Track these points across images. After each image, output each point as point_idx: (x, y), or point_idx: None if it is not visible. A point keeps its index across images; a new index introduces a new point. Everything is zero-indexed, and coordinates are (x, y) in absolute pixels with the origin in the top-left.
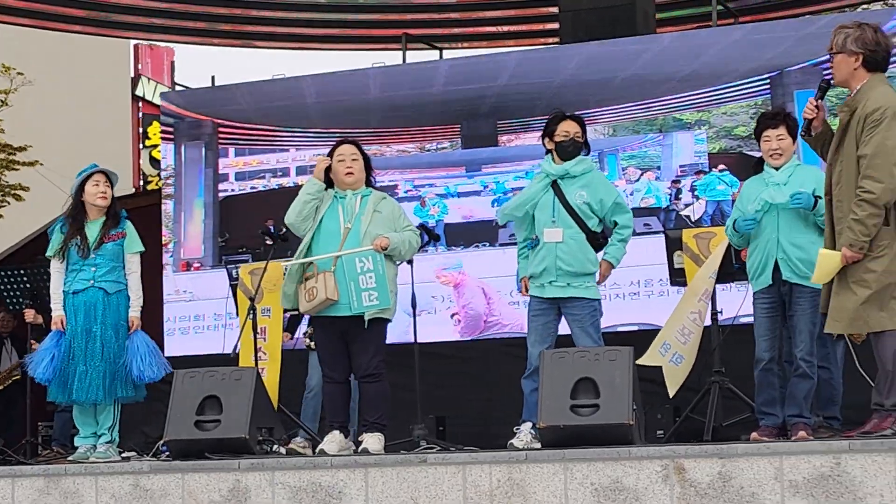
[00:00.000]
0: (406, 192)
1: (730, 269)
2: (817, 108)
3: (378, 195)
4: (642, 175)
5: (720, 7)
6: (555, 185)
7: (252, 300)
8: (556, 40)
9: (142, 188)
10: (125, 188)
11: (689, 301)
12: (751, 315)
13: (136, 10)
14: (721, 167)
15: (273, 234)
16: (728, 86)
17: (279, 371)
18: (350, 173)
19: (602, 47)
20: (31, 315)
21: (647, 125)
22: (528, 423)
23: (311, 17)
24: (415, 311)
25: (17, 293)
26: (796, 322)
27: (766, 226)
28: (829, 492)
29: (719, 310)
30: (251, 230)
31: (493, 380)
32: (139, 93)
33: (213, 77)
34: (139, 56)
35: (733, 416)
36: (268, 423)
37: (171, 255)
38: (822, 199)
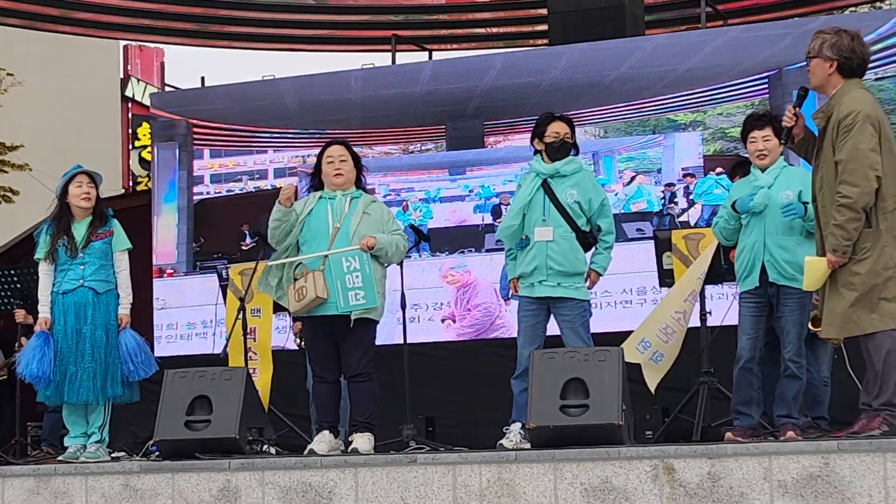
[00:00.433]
0: (384, 197)
1: (719, 270)
2: (796, 115)
3: (368, 198)
4: (634, 179)
5: (709, 9)
6: (545, 184)
7: (242, 300)
8: (546, 42)
9: (131, 189)
10: (114, 189)
11: (674, 300)
12: None
13: (125, 11)
14: (718, 170)
15: (264, 235)
16: (724, 85)
17: (271, 371)
18: (339, 174)
19: (592, 47)
20: (21, 315)
21: (640, 126)
22: (518, 424)
23: (301, 18)
24: (404, 312)
25: (8, 293)
26: (784, 324)
27: (753, 228)
28: (817, 492)
29: (708, 311)
30: (227, 235)
31: (481, 381)
32: (128, 94)
33: (203, 78)
34: (129, 57)
35: (722, 417)
36: (258, 423)
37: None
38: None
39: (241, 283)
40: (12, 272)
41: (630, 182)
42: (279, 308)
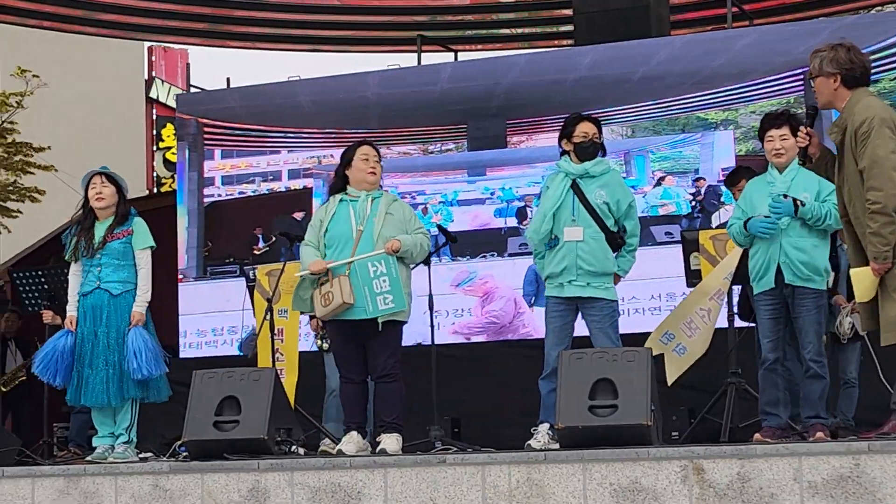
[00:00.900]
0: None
1: (746, 271)
2: (808, 135)
3: (389, 197)
4: (662, 180)
5: (735, 9)
6: (574, 185)
7: (269, 301)
8: (571, 43)
9: (155, 190)
10: (139, 190)
11: (699, 298)
12: None
13: (150, 12)
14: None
15: (289, 234)
16: (757, 83)
17: (297, 372)
18: (373, 173)
19: (618, 44)
20: (49, 316)
21: (669, 125)
22: (546, 424)
23: (325, 19)
24: (432, 313)
25: (36, 294)
26: (802, 324)
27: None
28: (848, 493)
29: (736, 311)
30: (239, 238)
31: (506, 381)
32: (153, 95)
33: (228, 79)
34: (153, 59)
35: (750, 418)
36: (286, 423)
37: None
38: (804, 204)
39: (269, 284)
40: (40, 273)
41: (658, 183)
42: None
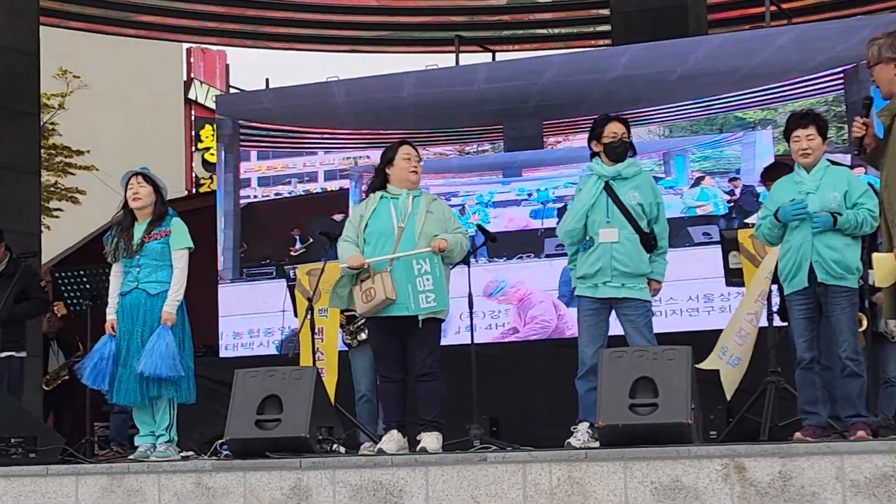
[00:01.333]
0: None
1: None
2: (865, 125)
3: (429, 196)
4: (700, 180)
5: (773, 7)
6: (607, 186)
7: (310, 300)
8: (608, 42)
9: (194, 191)
10: (178, 191)
11: (747, 303)
12: None
13: (189, 13)
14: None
15: (329, 234)
16: (796, 82)
17: (336, 371)
18: (415, 172)
19: (655, 44)
20: (60, 307)
21: (707, 124)
22: (586, 423)
23: (364, 19)
24: (471, 312)
25: (77, 294)
26: (836, 322)
27: (801, 229)
28: (891, 492)
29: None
30: (275, 240)
31: (544, 380)
32: (192, 96)
33: (267, 80)
34: (192, 60)
35: (789, 417)
36: (328, 422)
37: None
38: (841, 215)
39: (309, 284)
40: (82, 273)
41: (696, 184)
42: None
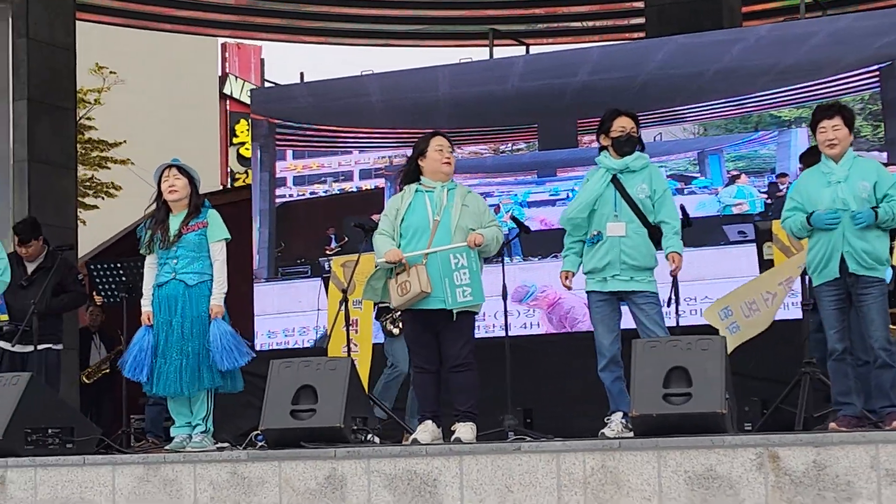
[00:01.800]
0: None
1: None
2: None
3: (464, 189)
4: (736, 179)
5: None
6: (615, 180)
7: (344, 292)
8: (643, 35)
9: (230, 186)
10: (213, 186)
11: (768, 281)
12: None
13: (224, 8)
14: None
15: (364, 226)
16: (831, 79)
17: (370, 363)
18: (448, 163)
19: (691, 38)
20: (97, 298)
21: (742, 123)
22: (619, 413)
23: (398, 13)
24: (505, 302)
25: (112, 286)
26: (867, 311)
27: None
28: None
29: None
30: (311, 239)
31: (578, 372)
32: (227, 91)
33: (302, 74)
34: (227, 55)
35: (824, 408)
36: (362, 412)
37: None
38: (879, 207)
39: (343, 275)
40: (118, 265)
41: (731, 182)
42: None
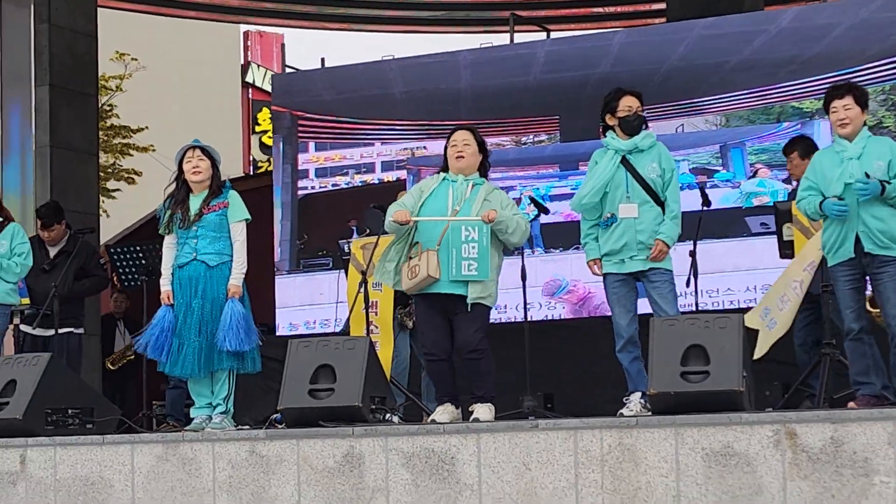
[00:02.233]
0: None
1: None
2: None
3: (490, 186)
4: (757, 171)
5: None
6: (624, 160)
7: (364, 274)
8: (664, 20)
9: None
10: (235, 174)
11: (795, 270)
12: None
13: None
14: None
15: (384, 207)
16: (855, 70)
17: (392, 345)
18: (461, 156)
19: (713, 28)
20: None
21: (764, 114)
22: (637, 393)
23: None
24: (524, 283)
25: (133, 270)
26: (883, 290)
27: (848, 197)
28: None
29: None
30: (332, 231)
31: (600, 356)
32: (249, 79)
33: (323, 59)
34: (249, 43)
35: (844, 389)
36: (381, 392)
37: None
38: (889, 183)
39: (363, 257)
40: (138, 248)
41: (753, 175)
42: None
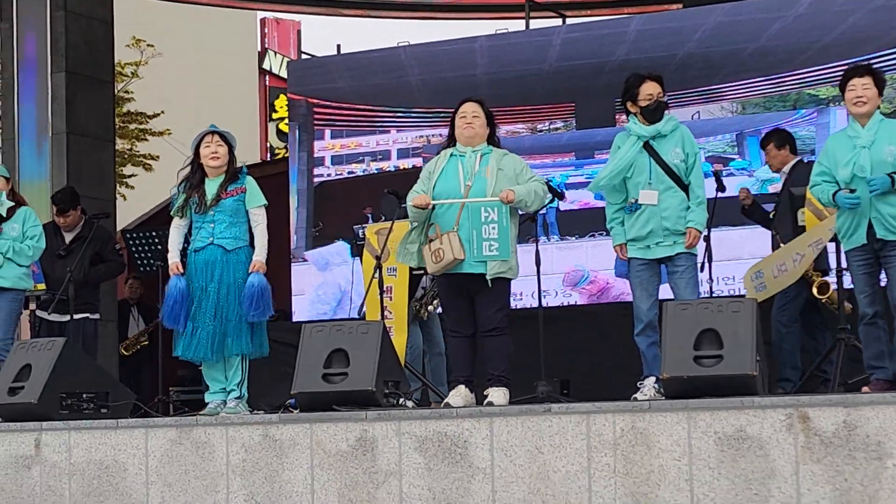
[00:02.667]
0: None
1: None
2: None
3: (499, 152)
4: None
5: None
6: (647, 146)
7: (378, 258)
8: (681, 6)
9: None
10: (253, 161)
11: (800, 244)
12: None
13: None
14: None
15: (398, 193)
16: (871, 56)
17: (405, 331)
18: (470, 126)
19: (729, 15)
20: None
21: (780, 101)
22: (651, 378)
23: None
24: (539, 268)
25: (149, 254)
26: (894, 274)
27: (858, 186)
28: None
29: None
30: (348, 219)
31: (613, 343)
32: (266, 66)
33: (339, 46)
34: (266, 30)
35: (858, 374)
36: (394, 376)
37: None
38: None
39: (378, 243)
40: (153, 233)
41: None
42: None
